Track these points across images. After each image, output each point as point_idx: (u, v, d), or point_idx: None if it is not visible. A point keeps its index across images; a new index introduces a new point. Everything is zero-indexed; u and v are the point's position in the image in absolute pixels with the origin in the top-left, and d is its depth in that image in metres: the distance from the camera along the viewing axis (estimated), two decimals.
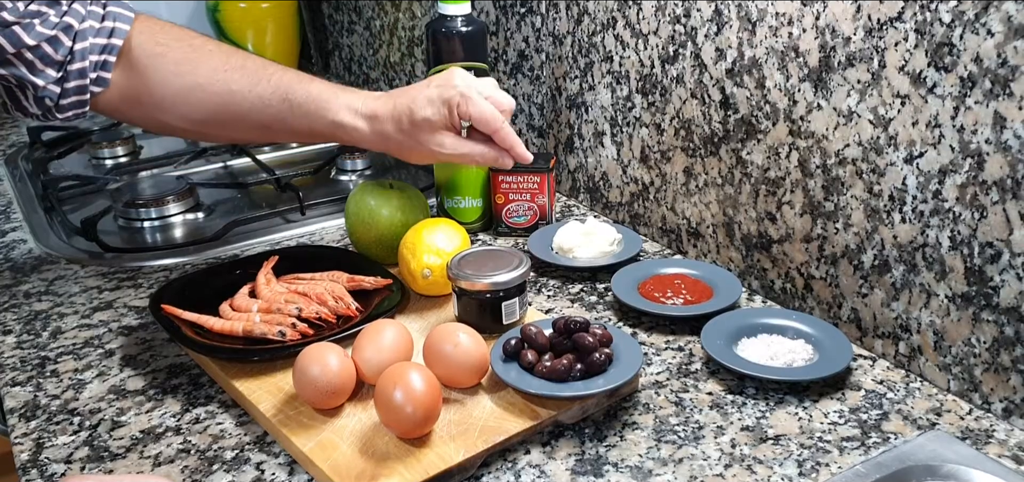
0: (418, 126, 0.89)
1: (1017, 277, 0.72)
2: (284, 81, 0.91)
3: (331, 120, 0.90)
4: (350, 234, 1.05)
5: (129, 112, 0.92)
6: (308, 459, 0.72)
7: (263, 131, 0.94)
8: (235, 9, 1.81)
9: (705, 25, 0.97)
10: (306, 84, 0.91)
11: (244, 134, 0.97)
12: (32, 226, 1.23)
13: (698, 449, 0.74)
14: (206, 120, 0.92)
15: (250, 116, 0.91)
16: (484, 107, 0.89)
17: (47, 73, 0.85)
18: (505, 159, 0.92)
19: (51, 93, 0.86)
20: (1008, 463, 0.71)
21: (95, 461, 0.75)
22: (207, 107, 0.90)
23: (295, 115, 0.90)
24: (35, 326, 0.97)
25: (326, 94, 0.91)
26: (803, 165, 0.89)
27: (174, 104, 0.91)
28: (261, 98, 0.90)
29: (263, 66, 0.92)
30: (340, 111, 0.90)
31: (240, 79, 0.90)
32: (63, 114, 0.88)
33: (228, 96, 0.90)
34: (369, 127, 0.90)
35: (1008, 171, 0.71)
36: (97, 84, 0.88)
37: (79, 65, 0.86)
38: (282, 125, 0.92)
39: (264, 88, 0.90)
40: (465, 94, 0.89)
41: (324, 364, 0.76)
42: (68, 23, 0.85)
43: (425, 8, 1.53)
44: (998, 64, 0.70)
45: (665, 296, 0.95)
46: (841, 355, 0.82)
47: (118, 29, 0.88)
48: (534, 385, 0.76)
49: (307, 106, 0.90)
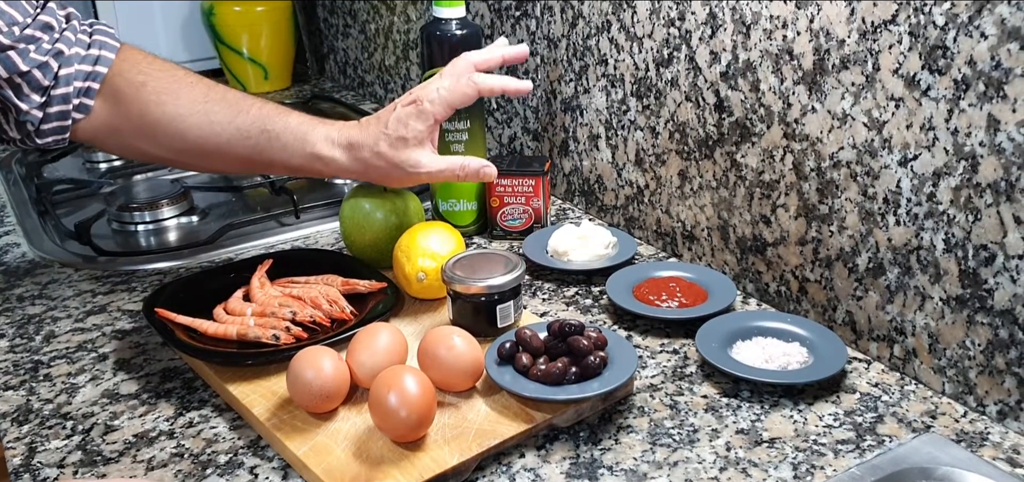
0: (394, 147, 0.89)
1: (1011, 279, 0.72)
2: (263, 113, 0.91)
3: (310, 152, 0.90)
4: (345, 237, 1.05)
5: (109, 141, 0.92)
6: (302, 463, 0.72)
7: (243, 163, 0.94)
8: (230, 13, 1.81)
9: (699, 28, 0.97)
10: (285, 116, 0.91)
11: (224, 166, 0.97)
12: (26, 230, 1.23)
13: (693, 452, 0.74)
14: (186, 150, 0.92)
15: (230, 148, 0.91)
16: (455, 91, 0.90)
17: (32, 98, 0.85)
18: (488, 167, 0.92)
19: (33, 118, 0.86)
20: (1003, 465, 0.71)
21: (88, 465, 0.75)
22: (187, 138, 0.90)
23: (273, 147, 0.91)
24: (28, 330, 0.97)
25: (305, 126, 0.91)
26: (797, 168, 0.89)
27: (154, 134, 0.91)
28: (240, 130, 0.90)
29: (243, 98, 0.93)
30: (318, 143, 0.90)
31: (220, 111, 0.90)
32: (43, 139, 0.88)
33: (208, 127, 0.90)
34: (347, 157, 0.91)
35: (1002, 174, 0.71)
36: (79, 111, 0.88)
37: (63, 91, 0.86)
38: (261, 157, 0.92)
39: (243, 120, 0.90)
40: (419, 96, 0.89)
41: (318, 368, 0.75)
42: (59, 49, 0.86)
43: (420, 11, 1.53)
44: (992, 67, 0.70)
45: (660, 299, 0.95)
46: (836, 358, 0.82)
47: (103, 57, 0.89)
48: (529, 388, 0.76)
49: (285, 138, 0.90)
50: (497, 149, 1.40)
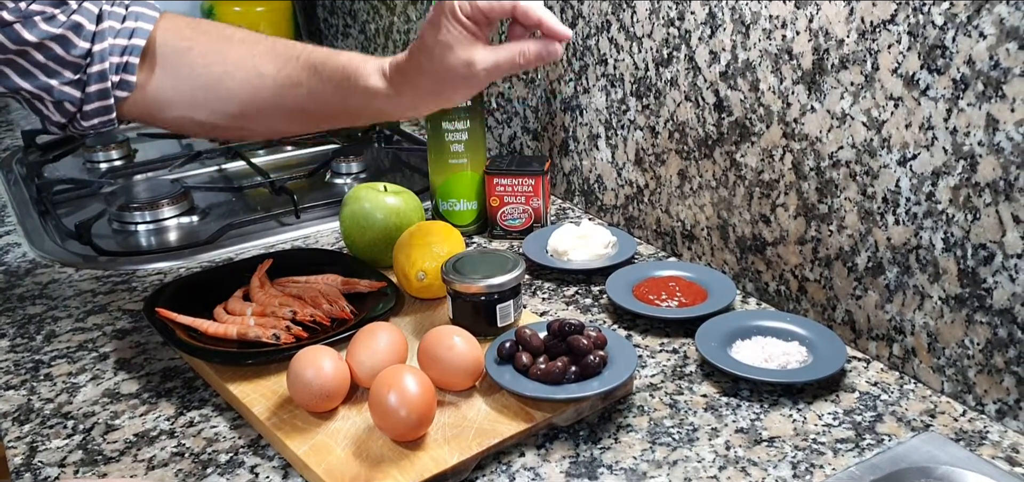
0: (435, 56, 0.78)
1: (1010, 279, 0.73)
2: (314, 55, 0.85)
3: (363, 86, 0.83)
4: (345, 237, 1.05)
5: (161, 115, 0.88)
6: (302, 462, 0.72)
7: (298, 116, 0.88)
8: (230, 12, 1.81)
9: (699, 28, 0.97)
10: (335, 55, 0.85)
11: (279, 123, 0.91)
12: (26, 230, 1.23)
13: (692, 451, 0.74)
14: (239, 112, 0.87)
15: (282, 99, 0.86)
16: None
17: (62, 74, 0.82)
18: (551, 46, 0.79)
19: (70, 97, 0.82)
20: (1002, 464, 0.71)
21: (89, 465, 0.75)
22: (238, 97, 0.86)
23: (326, 91, 0.84)
24: (29, 330, 0.97)
25: (356, 61, 0.84)
26: (797, 167, 0.89)
27: (206, 99, 0.87)
28: (290, 78, 0.85)
29: (291, 46, 0.87)
30: (371, 76, 0.82)
31: (268, 62, 0.86)
32: (89, 121, 0.85)
33: (258, 80, 0.85)
34: (398, 85, 0.82)
35: (1001, 173, 0.72)
36: (121, 88, 0.84)
37: (99, 67, 0.83)
38: (316, 103, 0.86)
39: (293, 68, 0.85)
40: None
41: (318, 367, 0.75)
42: (77, 22, 0.81)
43: (420, 11, 1.53)
44: (990, 66, 0.71)
45: (660, 298, 0.95)
46: (835, 357, 0.82)
47: (139, 29, 0.85)
48: (529, 388, 0.76)
49: (337, 78, 0.84)
50: (497, 149, 1.40)
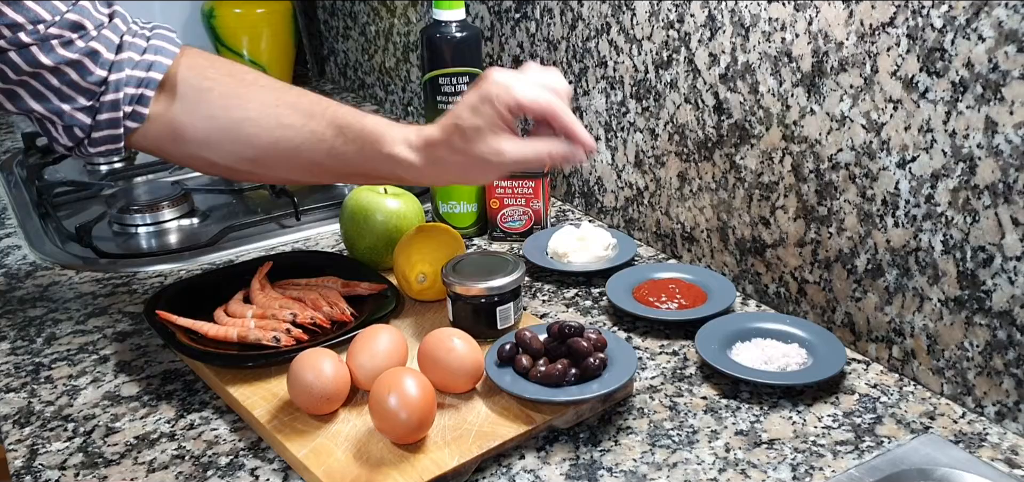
0: (469, 139, 0.80)
1: (1009, 281, 0.73)
2: (339, 114, 0.85)
3: (387, 153, 0.83)
4: (345, 239, 1.05)
5: (172, 149, 0.87)
6: (303, 465, 0.72)
7: (315, 170, 0.88)
8: (230, 14, 1.81)
9: (698, 30, 0.97)
10: (361, 119, 0.85)
11: (294, 174, 0.90)
12: (27, 232, 1.23)
13: (692, 453, 0.74)
14: (255, 158, 0.86)
15: (302, 152, 0.85)
16: (531, 91, 0.79)
17: (75, 100, 0.81)
18: (576, 152, 0.81)
19: (80, 123, 0.81)
20: (1001, 466, 0.71)
21: (89, 467, 0.75)
22: (257, 144, 0.85)
23: (350, 150, 0.84)
24: (29, 332, 0.97)
25: (381, 127, 0.84)
26: (796, 170, 0.89)
27: (221, 141, 0.85)
28: (314, 133, 0.84)
29: (317, 101, 0.87)
30: (396, 144, 0.83)
31: (292, 114, 0.85)
32: (96, 148, 0.84)
33: (279, 130, 0.84)
34: (424, 157, 0.83)
35: (1000, 175, 0.72)
36: (132, 119, 0.83)
37: (112, 96, 0.81)
38: (335, 162, 0.85)
39: (318, 123, 0.85)
40: (506, 84, 0.79)
41: (318, 370, 0.76)
42: (94, 49, 0.80)
43: (420, 13, 1.53)
44: (989, 69, 0.71)
45: (659, 301, 0.95)
46: (835, 359, 0.82)
47: (157, 63, 0.83)
48: (529, 390, 0.76)
49: (361, 140, 0.84)
50: None
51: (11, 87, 0.80)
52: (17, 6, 0.77)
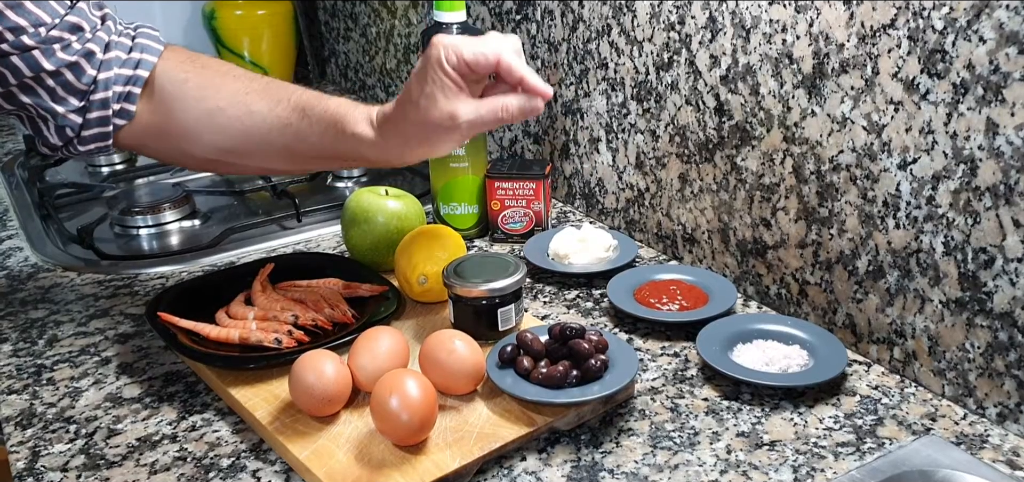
0: (420, 107, 0.80)
1: (1010, 282, 0.73)
2: (303, 98, 0.87)
3: (351, 133, 0.85)
4: (346, 241, 1.05)
5: (154, 145, 0.90)
6: (304, 467, 0.72)
7: (287, 155, 0.89)
8: (231, 16, 1.81)
9: (699, 32, 0.97)
10: (324, 101, 0.87)
11: (270, 161, 0.92)
12: (28, 234, 1.23)
13: (694, 455, 0.74)
14: (231, 148, 0.89)
15: (272, 138, 0.87)
16: (475, 46, 0.78)
17: (69, 101, 0.83)
18: (534, 102, 0.80)
19: (71, 123, 0.84)
20: (1002, 468, 0.71)
21: (91, 469, 0.75)
22: (229, 132, 0.87)
23: (313, 133, 0.86)
24: (31, 334, 0.97)
25: (343, 108, 0.86)
26: (797, 171, 0.90)
27: (198, 132, 0.88)
28: (280, 118, 0.86)
29: (283, 87, 0.89)
30: (358, 123, 0.85)
31: (259, 101, 0.87)
32: (85, 146, 0.86)
33: (249, 118, 0.87)
34: (385, 133, 0.84)
35: (1001, 177, 0.72)
36: (120, 116, 0.85)
37: (102, 95, 0.84)
38: (304, 145, 0.87)
39: (283, 108, 0.87)
40: (449, 45, 0.78)
41: (320, 371, 0.76)
42: (90, 50, 0.83)
43: (421, 14, 1.53)
44: (990, 71, 0.71)
45: (661, 302, 0.95)
46: (836, 361, 0.82)
47: (144, 61, 0.86)
48: (530, 392, 0.76)
49: (325, 122, 0.86)
50: (498, 152, 1.40)
51: (10, 89, 0.80)
52: (18, 9, 0.77)
